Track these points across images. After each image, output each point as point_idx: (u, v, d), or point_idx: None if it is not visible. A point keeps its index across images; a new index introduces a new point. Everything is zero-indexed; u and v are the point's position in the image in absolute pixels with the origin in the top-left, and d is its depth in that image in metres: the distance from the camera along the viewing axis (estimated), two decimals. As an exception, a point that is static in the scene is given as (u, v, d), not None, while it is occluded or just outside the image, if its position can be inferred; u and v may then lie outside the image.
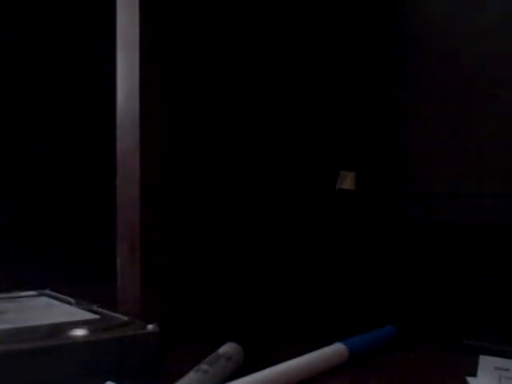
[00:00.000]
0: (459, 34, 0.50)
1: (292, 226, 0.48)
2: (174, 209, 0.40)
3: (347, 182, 0.51)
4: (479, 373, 0.31)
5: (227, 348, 0.32)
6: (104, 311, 0.37)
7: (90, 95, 0.72)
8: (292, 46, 0.48)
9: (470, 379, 0.30)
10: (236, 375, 0.29)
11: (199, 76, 0.41)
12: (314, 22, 0.50)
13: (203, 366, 0.29)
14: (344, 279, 0.51)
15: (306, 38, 0.49)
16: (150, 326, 0.33)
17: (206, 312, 0.41)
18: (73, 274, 0.65)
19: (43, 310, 0.39)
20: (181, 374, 0.28)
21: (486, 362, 0.32)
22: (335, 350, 0.34)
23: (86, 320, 0.34)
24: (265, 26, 0.46)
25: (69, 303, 0.40)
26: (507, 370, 0.31)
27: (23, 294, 0.44)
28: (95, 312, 0.37)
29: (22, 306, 0.40)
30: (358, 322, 0.44)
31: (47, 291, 0.45)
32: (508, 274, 0.47)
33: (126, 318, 0.35)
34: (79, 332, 0.31)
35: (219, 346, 0.32)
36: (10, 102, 0.67)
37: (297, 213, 0.48)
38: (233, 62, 0.44)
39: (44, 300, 0.42)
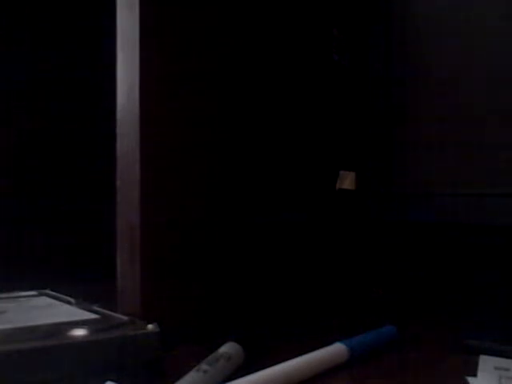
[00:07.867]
0: (459, 34, 0.50)
1: (292, 225, 0.48)
2: (173, 209, 0.40)
3: (347, 182, 0.51)
4: (479, 373, 0.31)
5: (227, 348, 0.32)
6: (104, 311, 0.37)
7: (90, 95, 0.72)
8: (292, 45, 0.48)
9: (470, 379, 0.30)
10: (236, 375, 0.29)
11: (199, 75, 0.41)
12: (314, 20, 0.50)
13: (203, 366, 0.29)
14: (344, 279, 0.51)
15: (305, 38, 0.49)
16: (150, 326, 0.33)
17: (206, 312, 0.41)
18: (73, 274, 0.65)
19: (43, 310, 0.39)
20: (181, 374, 0.28)
21: (486, 362, 0.32)
22: (335, 349, 0.34)
23: (86, 320, 0.34)
24: (265, 25, 0.46)
25: (69, 303, 0.40)
26: (507, 369, 0.31)
27: (23, 293, 0.44)
28: (95, 312, 0.37)
29: (22, 305, 0.40)
30: (358, 322, 0.44)
31: (47, 291, 0.45)
32: (508, 274, 0.47)
33: (125, 318, 0.35)
34: (79, 332, 0.31)
35: (219, 346, 0.32)
36: (10, 101, 0.67)
37: (297, 212, 0.48)
38: (232, 61, 0.43)
39: (44, 300, 0.42)
